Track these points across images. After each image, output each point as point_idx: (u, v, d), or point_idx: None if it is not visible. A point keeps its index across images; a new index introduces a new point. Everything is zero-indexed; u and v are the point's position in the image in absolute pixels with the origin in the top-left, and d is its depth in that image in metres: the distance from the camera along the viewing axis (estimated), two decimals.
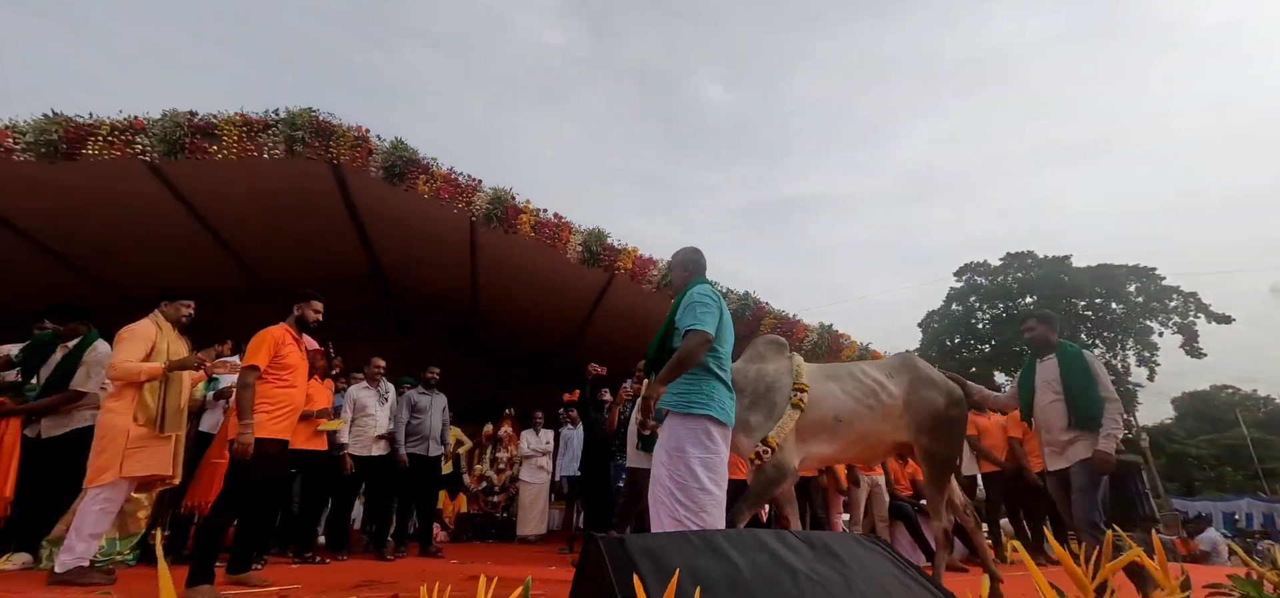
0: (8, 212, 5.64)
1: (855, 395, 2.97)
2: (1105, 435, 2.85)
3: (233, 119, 5.44)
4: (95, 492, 2.89)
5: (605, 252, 6.13)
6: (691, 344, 2.18)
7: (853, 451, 3.07)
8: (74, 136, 5.05)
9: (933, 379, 3.12)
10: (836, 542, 1.15)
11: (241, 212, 6.42)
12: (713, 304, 2.30)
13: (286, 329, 3.16)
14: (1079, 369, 3.00)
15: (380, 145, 5.73)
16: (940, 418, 2.99)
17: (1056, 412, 3.02)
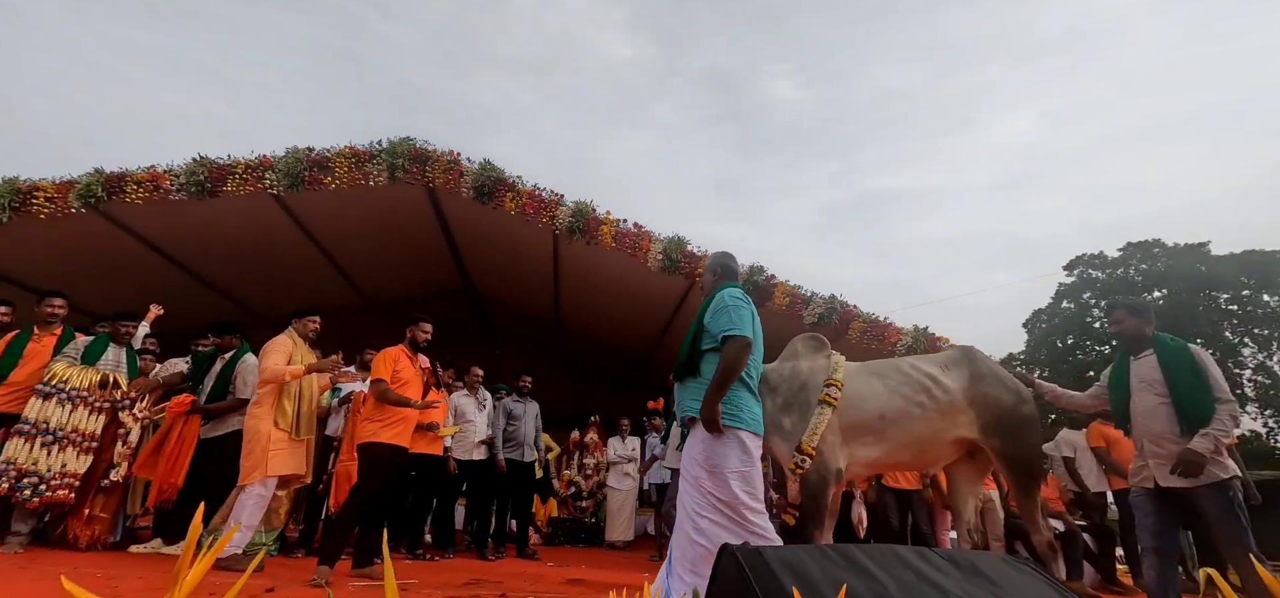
0: (164, 243, 6.50)
1: (903, 392, 2.74)
2: (1204, 434, 2.46)
3: (343, 152, 5.97)
4: (249, 488, 3.25)
5: (685, 259, 6.13)
6: (733, 353, 2.13)
7: (905, 453, 2.78)
8: (217, 176, 5.74)
9: (997, 374, 2.85)
10: (985, 563, 1.06)
11: (351, 235, 7.02)
12: (745, 306, 2.26)
13: (402, 349, 3.53)
14: (1187, 367, 2.57)
15: (470, 167, 6.07)
16: (1011, 416, 2.73)
17: (1163, 417, 2.60)
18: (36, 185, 5.59)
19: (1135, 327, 2.78)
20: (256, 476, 3.25)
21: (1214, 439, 2.45)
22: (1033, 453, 2.79)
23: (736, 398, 2.14)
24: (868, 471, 2.95)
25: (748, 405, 2.16)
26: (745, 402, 2.16)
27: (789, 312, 6.03)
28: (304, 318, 3.73)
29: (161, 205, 5.75)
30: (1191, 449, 2.43)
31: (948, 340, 6.41)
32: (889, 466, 2.99)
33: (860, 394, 2.72)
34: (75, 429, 3.25)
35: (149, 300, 5.67)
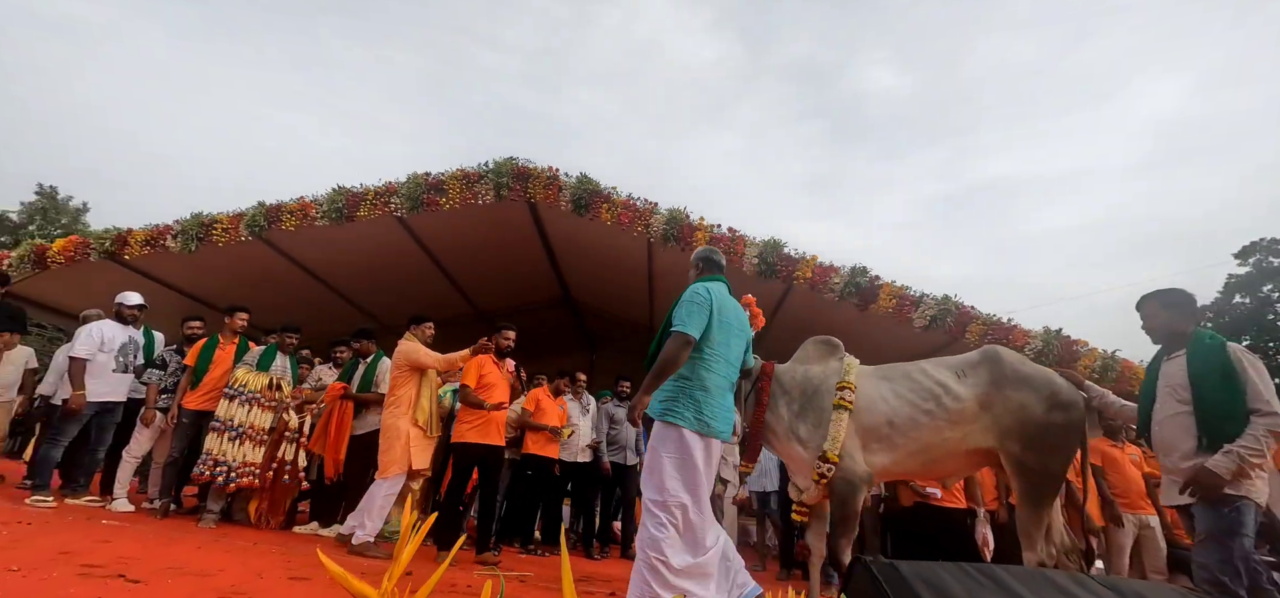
0: (311, 263, 7.41)
1: (909, 398, 2.58)
2: (1227, 450, 2.03)
3: (455, 174, 6.48)
4: (382, 481, 3.61)
5: (782, 262, 5.99)
6: (670, 348, 2.12)
7: (914, 461, 2.60)
8: (352, 202, 6.46)
9: (1025, 377, 2.56)
10: (1152, 592, 0.95)
11: (462, 251, 7.60)
12: (703, 304, 2.20)
13: (489, 356, 3.89)
14: (1218, 370, 2.15)
15: (568, 181, 6.35)
16: (1036, 424, 2.45)
17: (1179, 427, 2.22)
18: (215, 219, 6.62)
19: (1166, 322, 2.39)
20: (395, 470, 3.61)
21: (1238, 458, 2.01)
22: (1056, 465, 2.49)
23: (689, 395, 2.15)
24: (879, 477, 2.76)
25: (701, 404, 2.14)
26: (699, 400, 2.14)
27: (897, 315, 5.69)
28: (421, 324, 4.08)
29: (309, 231, 6.58)
30: (1206, 468, 2.02)
31: (1085, 344, 5.74)
32: (898, 474, 2.79)
33: (870, 399, 2.61)
34: (252, 425, 3.83)
35: (301, 314, 6.50)
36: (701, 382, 2.17)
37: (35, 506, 3.66)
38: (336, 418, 4.16)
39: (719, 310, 2.23)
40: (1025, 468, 2.48)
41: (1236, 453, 2.03)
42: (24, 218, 21.04)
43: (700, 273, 2.52)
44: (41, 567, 2.18)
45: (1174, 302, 2.43)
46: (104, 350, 4.06)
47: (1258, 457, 2.04)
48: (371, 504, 3.58)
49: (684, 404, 2.14)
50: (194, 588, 2.18)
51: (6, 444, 8.04)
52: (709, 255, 2.56)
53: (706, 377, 2.18)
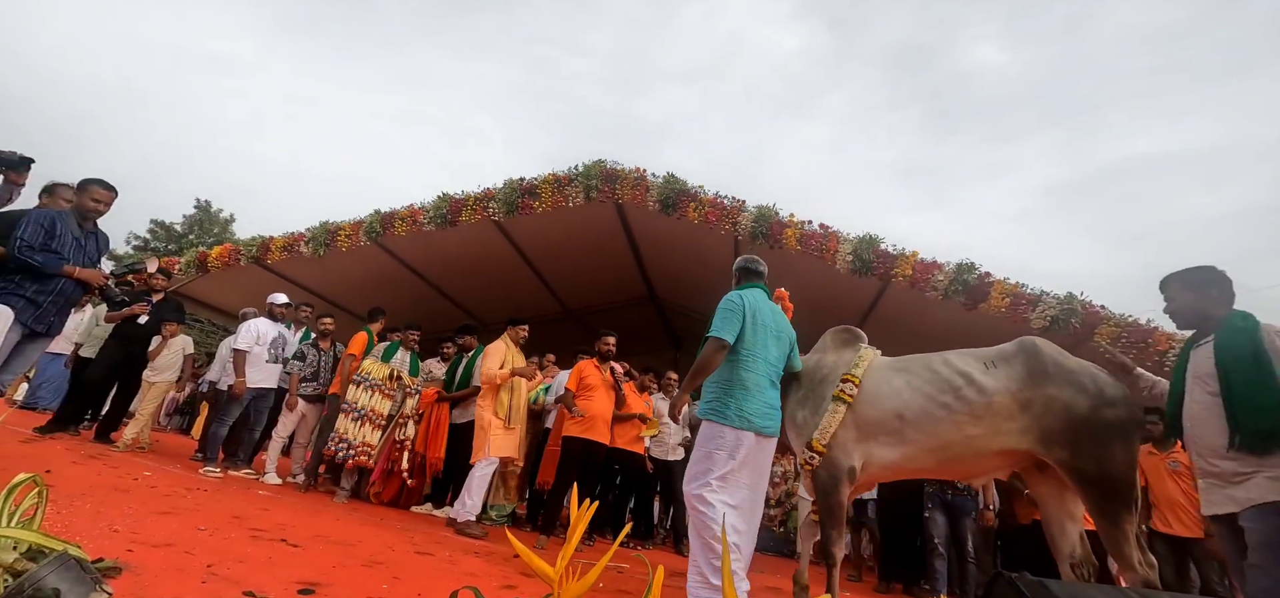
0: (418, 264, 8.04)
1: (926, 390, 2.41)
2: None
3: (547, 178, 6.76)
4: (477, 466, 3.91)
5: (879, 259, 5.71)
6: (705, 352, 2.34)
7: (931, 458, 2.41)
8: (454, 208, 6.94)
9: (1067, 371, 2.31)
10: None
11: (553, 252, 7.92)
12: (736, 310, 2.38)
13: (590, 360, 4.19)
14: (1249, 354, 1.89)
15: (655, 182, 6.42)
16: (1083, 424, 2.19)
17: (1209, 420, 1.98)
18: (340, 226, 7.37)
19: (1191, 304, 2.13)
20: (480, 455, 3.92)
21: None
22: (1118, 468, 2.18)
23: (729, 395, 2.33)
24: (888, 474, 2.60)
25: (739, 402, 2.30)
26: (738, 398, 2.30)
27: (1011, 314, 5.26)
28: (517, 326, 4.35)
29: (417, 235, 7.14)
30: None
31: None
32: (912, 471, 2.57)
33: (878, 391, 2.50)
34: (373, 410, 4.28)
35: (411, 312, 7.08)
36: (742, 381, 2.33)
37: (206, 476, 4.28)
38: (433, 419, 4.52)
39: (753, 314, 2.40)
40: (1083, 476, 2.22)
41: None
42: (185, 228, 24.48)
43: (738, 281, 2.69)
44: (221, 528, 2.56)
45: (1201, 281, 2.15)
46: (259, 344, 4.68)
47: None
48: (469, 485, 3.88)
49: (726, 402, 2.31)
50: (341, 556, 2.46)
51: (177, 422, 9.44)
52: (748, 265, 2.70)
53: (746, 376, 2.34)
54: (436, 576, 2.41)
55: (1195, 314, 2.16)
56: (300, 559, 2.27)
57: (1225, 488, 1.96)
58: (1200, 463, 2.07)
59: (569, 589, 0.66)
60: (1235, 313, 2.07)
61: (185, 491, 3.43)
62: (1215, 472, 1.99)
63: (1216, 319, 2.10)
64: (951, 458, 2.42)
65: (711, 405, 2.37)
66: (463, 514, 3.79)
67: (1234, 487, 1.92)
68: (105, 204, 3.07)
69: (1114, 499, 2.20)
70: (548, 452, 4.79)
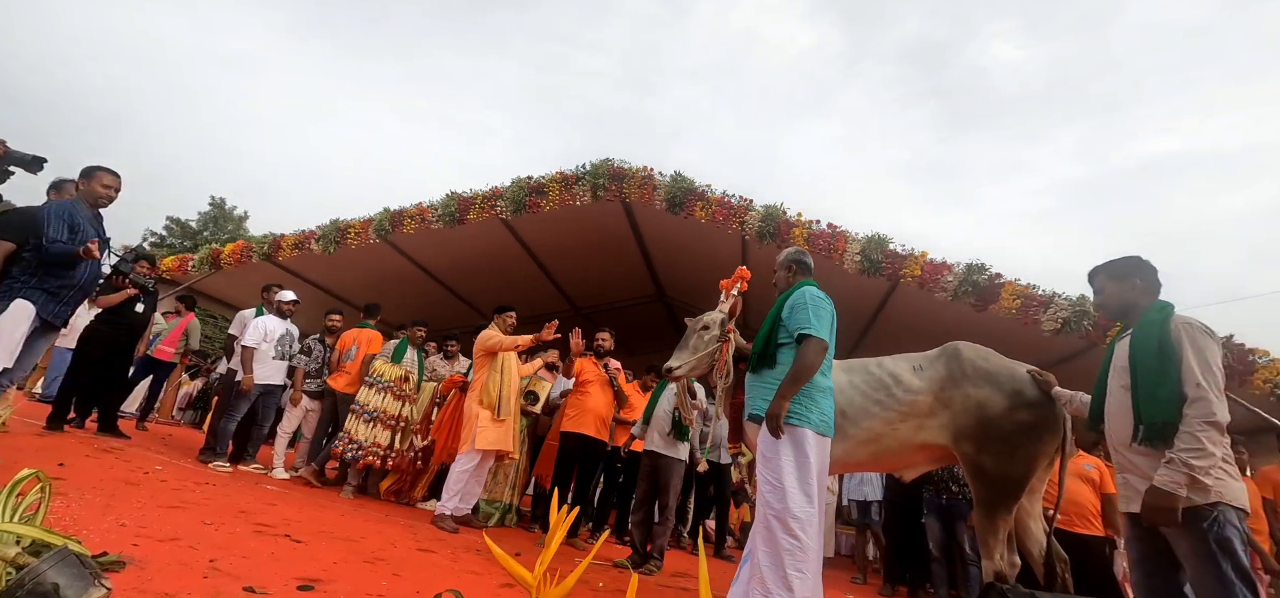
0: (427, 262, 8.09)
1: (862, 389, 2.58)
2: (1169, 460, 1.72)
3: (555, 177, 6.77)
4: (460, 457, 3.81)
5: (888, 259, 5.66)
6: (811, 355, 2.14)
7: (864, 451, 2.56)
8: (463, 206, 6.97)
9: (986, 372, 2.47)
10: None
11: (561, 251, 7.93)
12: (825, 306, 2.26)
13: (588, 357, 4.18)
14: (1155, 348, 1.86)
15: (662, 180, 6.41)
16: (994, 423, 2.35)
17: (1121, 414, 1.95)
18: (350, 224, 7.43)
19: (1116, 295, 2.09)
20: (464, 446, 3.80)
21: (1184, 467, 1.69)
22: (1016, 468, 2.34)
23: (808, 395, 2.14)
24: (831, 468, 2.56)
25: (821, 404, 2.16)
26: (819, 403, 2.16)
27: (1021, 316, 5.19)
28: (503, 314, 4.22)
29: (425, 233, 7.19)
30: (1156, 489, 1.73)
31: (1266, 354, 4.89)
32: (851, 465, 2.68)
33: None
34: (384, 411, 4.29)
35: (420, 310, 7.12)
36: (824, 385, 2.20)
37: (215, 470, 4.33)
38: (453, 406, 4.54)
39: (832, 315, 2.30)
40: (981, 471, 2.36)
41: (1179, 462, 1.71)
42: (200, 225, 24.85)
43: (795, 275, 2.53)
44: (226, 522, 2.59)
45: (1125, 271, 2.10)
46: (267, 340, 4.73)
47: (1202, 458, 1.69)
48: (451, 479, 3.75)
49: (807, 407, 2.14)
50: (344, 552, 2.48)
51: (191, 416, 9.58)
52: (801, 258, 2.58)
53: (823, 380, 2.21)
54: (437, 573, 2.43)
55: (1120, 305, 2.11)
56: (303, 555, 2.29)
57: (1136, 482, 1.88)
58: (1116, 459, 2.03)
59: (548, 594, 0.66)
60: (1154, 304, 2.01)
61: (194, 485, 3.48)
62: (1129, 467, 1.94)
63: (1140, 310, 2.04)
64: (883, 451, 2.60)
65: (794, 409, 2.14)
66: (440, 508, 3.69)
67: (1142, 483, 1.84)
68: (114, 189, 3.09)
69: (1002, 496, 2.34)
70: (547, 446, 4.78)
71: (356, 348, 5.00)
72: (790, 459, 2.08)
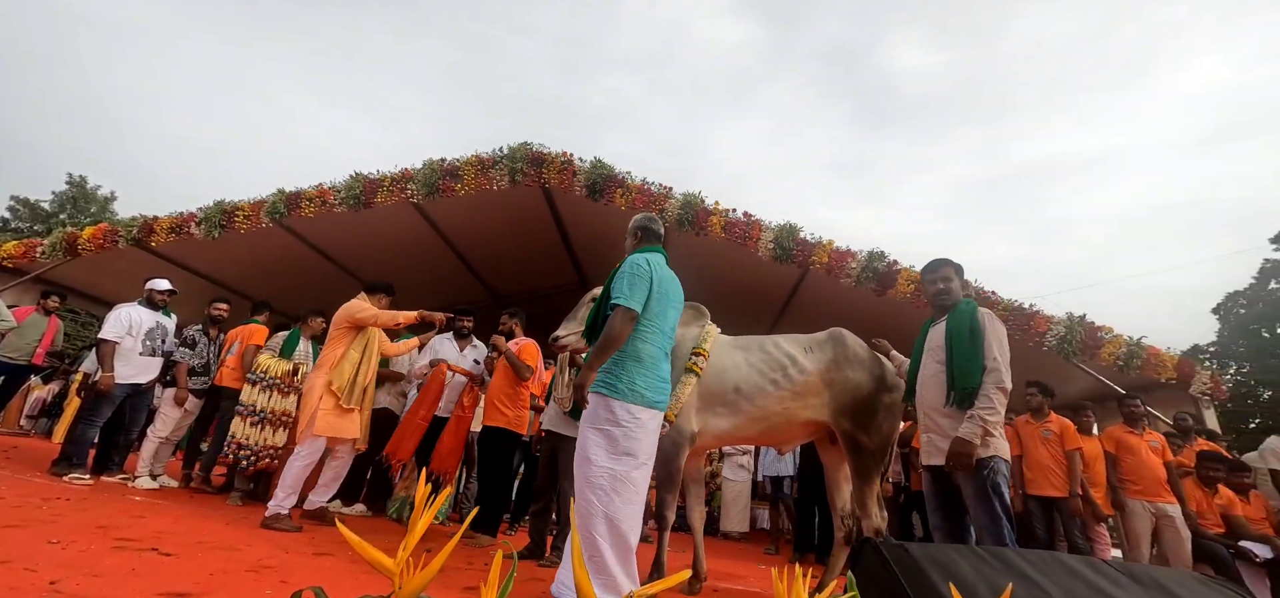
0: (331, 248, 7.53)
1: (759, 368, 2.72)
2: (971, 416, 2.21)
3: (470, 160, 6.51)
4: (298, 449, 3.33)
5: (798, 247, 5.94)
6: (615, 323, 2.06)
7: (754, 427, 2.74)
8: (369, 189, 6.54)
9: (862, 358, 2.79)
10: (1172, 579, 0.94)
11: (479, 237, 7.65)
12: (645, 275, 2.16)
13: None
14: (966, 331, 2.33)
15: (582, 166, 6.34)
16: (866, 402, 2.68)
17: (935, 385, 2.40)
18: (237, 206, 6.75)
19: (956, 288, 2.56)
20: (306, 436, 3.31)
21: (981, 421, 2.19)
22: (883, 440, 2.72)
23: (618, 368, 2.08)
24: (718, 442, 2.90)
25: (632, 375, 2.07)
26: (629, 372, 2.08)
27: (915, 300, 5.62)
28: (375, 293, 3.83)
29: (328, 217, 6.67)
30: (959, 438, 2.19)
31: (1110, 330, 5.61)
32: (739, 438, 2.89)
33: (722, 366, 2.71)
34: (273, 410, 3.91)
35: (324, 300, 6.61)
36: (635, 352, 2.10)
37: (73, 483, 3.81)
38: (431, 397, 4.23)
39: (658, 282, 2.19)
40: (857, 443, 2.67)
41: (978, 417, 2.19)
42: (55, 207, 21.67)
43: (638, 242, 2.44)
44: (78, 540, 2.28)
45: (959, 270, 2.61)
46: (132, 334, 4.19)
47: (994, 414, 2.20)
48: (288, 472, 3.27)
49: (616, 376, 2.08)
50: (224, 562, 2.26)
51: (44, 425, 8.37)
52: (648, 224, 2.48)
53: (641, 347, 2.11)
54: (335, 578, 2.27)
55: (951, 296, 2.54)
56: (172, 569, 2.06)
57: (940, 441, 2.34)
58: (924, 420, 2.46)
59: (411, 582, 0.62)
60: (965, 299, 2.50)
61: (41, 501, 3.03)
62: (935, 428, 2.39)
63: (957, 301, 2.50)
64: (771, 428, 2.76)
65: (600, 378, 2.11)
66: (272, 506, 3.18)
67: (946, 442, 2.30)
68: None
69: (874, 464, 2.68)
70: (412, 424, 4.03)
71: (239, 343, 4.55)
72: (595, 428, 2.05)
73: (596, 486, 1.99)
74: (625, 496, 2.00)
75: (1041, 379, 4.53)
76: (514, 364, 3.76)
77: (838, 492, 2.90)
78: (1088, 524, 4.03)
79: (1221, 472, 4.00)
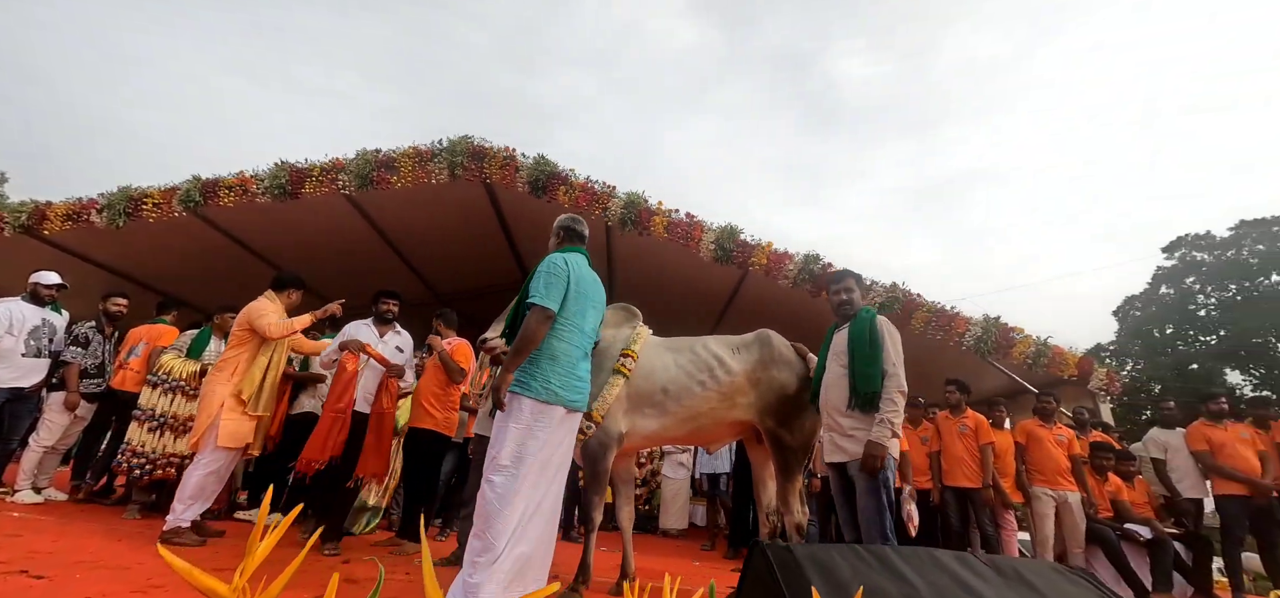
0: (253, 241, 7.08)
1: (687, 369, 2.76)
2: (880, 420, 2.37)
3: (407, 152, 6.27)
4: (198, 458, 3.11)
5: (738, 248, 6.06)
6: (530, 323, 2.04)
7: (683, 427, 2.78)
8: (296, 178, 6.18)
9: (788, 359, 2.88)
10: (1032, 570, 1.01)
11: (417, 232, 7.38)
12: (561, 275, 2.14)
13: None
14: (866, 337, 2.51)
15: (525, 162, 6.23)
16: (791, 401, 2.76)
17: (838, 388, 2.55)
18: (145, 193, 6.23)
19: (857, 299, 2.75)
20: (204, 444, 3.09)
21: (888, 424, 2.36)
22: (806, 439, 2.82)
23: (533, 367, 2.05)
24: (647, 442, 2.93)
25: (547, 374, 2.04)
26: (543, 371, 2.05)
27: None
28: (285, 289, 3.63)
29: (250, 208, 6.27)
30: (873, 442, 2.35)
31: (1021, 331, 6.03)
32: (667, 439, 2.95)
33: (651, 367, 2.74)
34: (175, 415, 3.61)
35: (248, 295, 6.21)
36: (550, 351, 2.09)
37: None
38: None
39: (576, 282, 2.18)
40: (781, 442, 2.74)
41: (886, 421, 2.36)
42: None
43: (561, 242, 2.42)
44: None
45: (860, 280, 2.86)
46: (12, 333, 3.77)
47: (897, 416, 2.39)
48: (186, 485, 3.05)
49: (530, 374, 2.05)
50: (107, 584, 2.07)
51: None
52: (571, 225, 2.45)
53: (557, 346, 2.10)
54: None
55: (853, 305, 2.72)
56: (42, 594, 1.87)
57: (842, 441, 2.50)
58: (827, 421, 2.60)
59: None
60: (865, 307, 2.69)
61: None
62: (837, 428, 2.53)
63: (857, 309, 2.68)
64: (699, 428, 2.81)
65: (516, 377, 2.07)
66: (170, 520, 2.97)
67: (847, 441, 2.47)
68: None
69: (796, 460, 2.75)
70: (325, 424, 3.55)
71: (144, 344, 4.19)
72: (505, 428, 2.01)
73: (500, 486, 1.93)
74: (529, 499, 1.96)
75: (960, 377, 4.80)
76: (447, 365, 3.62)
77: (763, 489, 2.96)
78: (997, 512, 4.31)
79: (1111, 461, 4.38)
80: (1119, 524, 4.09)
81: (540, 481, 2.01)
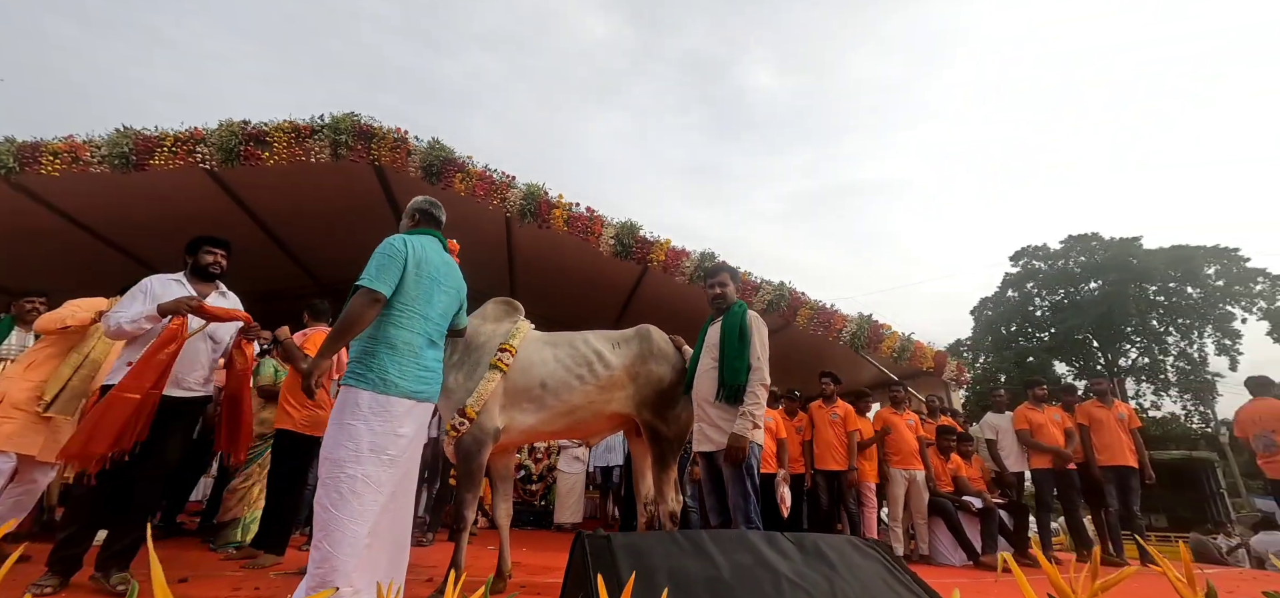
0: (87, 218, 6.15)
1: (566, 364, 2.75)
2: (742, 413, 2.49)
3: (282, 126, 5.73)
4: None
5: (638, 244, 6.16)
6: (354, 305, 1.88)
7: (561, 421, 2.76)
8: (143, 148, 5.45)
9: (666, 353, 2.92)
10: (830, 545, 1.14)
11: (295, 214, 6.77)
12: (396, 256, 1.98)
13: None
14: (735, 331, 2.61)
15: (418, 146, 5.93)
16: (667, 394, 2.82)
17: (708, 380, 2.65)
18: None
19: (733, 292, 2.87)
20: None
21: (751, 417, 2.48)
22: (681, 431, 2.86)
23: (371, 355, 1.91)
24: (525, 437, 2.89)
25: (383, 364, 1.90)
26: (380, 360, 1.90)
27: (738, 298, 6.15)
28: (28, 298, 3.28)
29: (82, 177, 5.44)
30: (735, 435, 2.47)
31: (889, 327, 6.68)
32: (546, 433, 2.94)
33: (530, 361, 2.70)
34: None
35: (73, 277, 5.37)
36: (388, 339, 1.94)
37: None
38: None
39: (418, 264, 2.03)
40: (658, 433, 2.79)
41: (749, 414, 2.49)
42: None
43: (414, 224, 2.31)
44: None
45: (735, 274, 3.00)
46: None
47: (759, 409, 2.51)
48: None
49: (366, 365, 1.91)
50: None
51: None
52: (427, 208, 2.34)
53: (395, 334, 1.95)
54: None
55: (727, 300, 2.80)
56: None
57: (710, 431, 2.61)
58: (697, 412, 2.70)
59: None
60: (738, 302, 2.78)
61: None
62: (706, 419, 2.64)
63: (731, 304, 2.76)
64: (577, 422, 2.79)
65: (349, 368, 1.94)
66: None
67: (715, 431, 2.59)
68: None
69: (672, 451, 2.81)
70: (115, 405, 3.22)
71: None
72: (340, 424, 1.86)
73: (336, 488, 1.79)
74: (371, 499, 1.82)
75: (833, 369, 5.24)
76: (291, 356, 3.18)
77: (642, 480, 3.00)
78: (861, 491, 4.76)
79: (953, 442, 4.99)
80: (957, 497, 4.68)
81: (385, 480, 1.86)
